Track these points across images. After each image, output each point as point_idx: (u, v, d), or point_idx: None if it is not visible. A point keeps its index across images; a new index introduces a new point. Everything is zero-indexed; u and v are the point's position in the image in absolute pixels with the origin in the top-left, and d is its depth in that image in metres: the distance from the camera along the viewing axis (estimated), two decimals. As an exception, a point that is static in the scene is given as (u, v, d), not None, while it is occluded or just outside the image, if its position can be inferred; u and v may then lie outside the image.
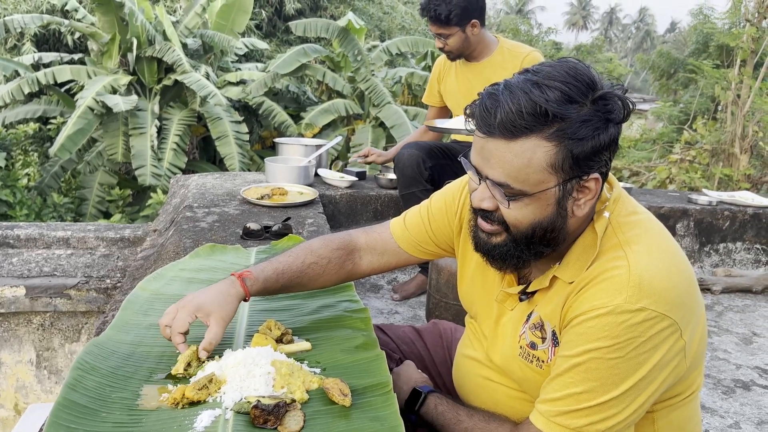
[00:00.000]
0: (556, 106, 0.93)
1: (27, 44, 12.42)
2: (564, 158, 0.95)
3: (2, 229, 2.85)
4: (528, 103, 0.93)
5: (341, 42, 10.17)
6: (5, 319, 2.56)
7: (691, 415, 1.14)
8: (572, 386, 0.99)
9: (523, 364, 1.13)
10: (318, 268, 1.36)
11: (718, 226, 3.74)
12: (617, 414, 0.98)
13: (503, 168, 0.97)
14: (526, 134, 0.94)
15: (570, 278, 1.04)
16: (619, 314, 0.95)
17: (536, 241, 1.03)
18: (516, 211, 1.01)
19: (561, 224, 1.02)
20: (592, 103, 0.95)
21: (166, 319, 1.23)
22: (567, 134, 0.94)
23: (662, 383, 1.00)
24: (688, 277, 1.02)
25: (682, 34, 28.55)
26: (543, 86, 0.94)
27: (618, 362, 0.96)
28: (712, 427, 2.18)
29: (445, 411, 1.17)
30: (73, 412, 1.05)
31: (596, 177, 0.99)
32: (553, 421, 1.01)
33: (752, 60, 8.29)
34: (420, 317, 2.88)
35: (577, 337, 0.99)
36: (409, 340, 1.54)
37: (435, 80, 3.16)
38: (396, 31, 17.39)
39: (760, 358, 2.75)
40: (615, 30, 55.27)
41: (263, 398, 1.09)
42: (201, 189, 2.90)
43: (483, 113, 0.97)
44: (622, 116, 0.98)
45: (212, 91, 9.59)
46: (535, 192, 0.98)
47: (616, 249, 1.01)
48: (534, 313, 1.11)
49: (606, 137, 0.96)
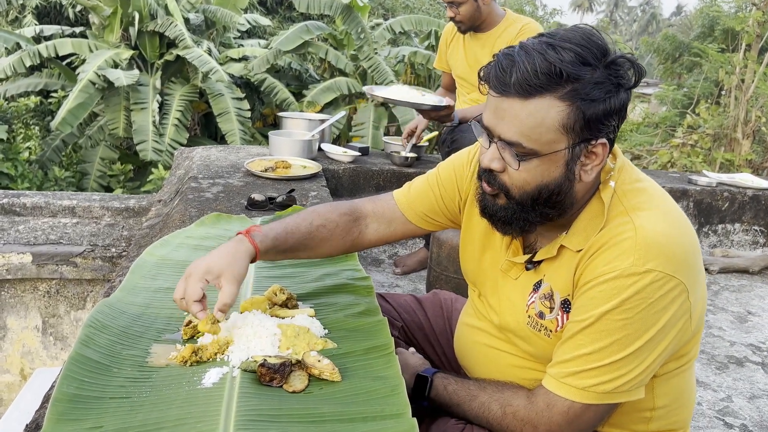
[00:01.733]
0: (570, 67, 0.95)
1: (28, 17, 12.33)
2: (576, 119, 0.97)
3: (9, 197, 2.88)
4: (543, 63, 0.95)
5: (344, 19, 10.10)
6: (12, 285, 2.59)
7: (687, 384, 1.17)
8: (582, 347, 1.02)
9: (532, 333, 1.14)
10: (326, 232, 1.33)
11: (717, 207, 3.76)
12: (626, 374, 1.00)
13: (517, 126, 0.99)
14: (540, 93, 0.96)
15: (578, 246, 1.06)
16: (628, 277, 0.97)
17: (541, 203, 1.05)
18: (525, 173, 1.03)
19: (567, 188, 1.04)
20: (604, 67, 0.97)
21: (178, 292, 1.17)
22: (580, 95, 0.96)
23: (669, 344, 1.02)
24: (692, 240, 1.04)
25: (688, 17, 28.30)
26: (558, 48, 0.96)
27: (627, 323, 0.99)
28: (705, 401, 2.23)
29: (456, 389, 1.16)
30: (86, 366, 1.08)
31: (604, 142, 1.01)
32: (563, 382, 1.04)
33: (757, 44, 8.25)
34: (421, 291, 2.91)
35: (588, 301, 1.02)
36: (410, 309, 1.56)
37: (444, 46, 3.17)
38: (400, 10, 17.24)
39: (754, 336, 2.80)
40: (620, 12, 54.76)
41: (269, 357, 1.12)
42: (205, 161, 2.92)
43: (499, 73, 0.99)
44: (633, 82, 1.00)
45: (214, 67, 9.55)
46: (546, 153, 1.00)
47: (623, 215, 1.03)
48: (544, 284, 1.13)
49: (617, 102, 0.98)
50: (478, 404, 1.12)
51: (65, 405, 0.97)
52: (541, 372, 1.12)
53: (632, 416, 1.13)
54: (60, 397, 0.98)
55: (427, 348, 1.52)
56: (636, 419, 1.13)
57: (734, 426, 2.10)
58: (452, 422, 1.15)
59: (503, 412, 1.09)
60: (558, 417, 1.04)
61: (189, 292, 1.15)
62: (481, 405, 1.12)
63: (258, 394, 1.04)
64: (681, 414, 1.17)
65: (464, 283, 1.40)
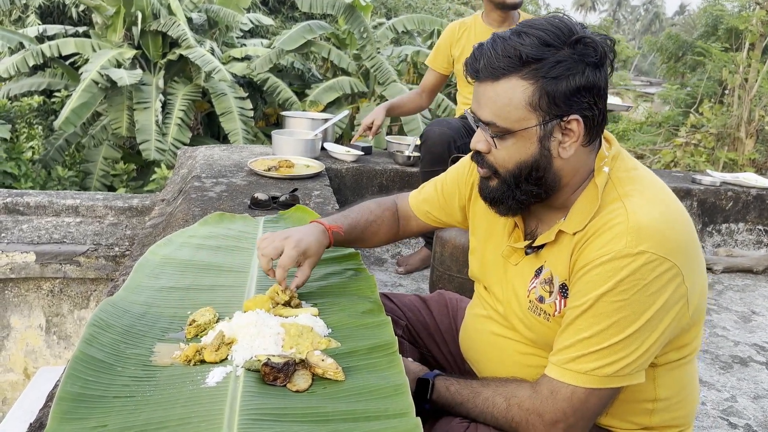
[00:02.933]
0: (530, 49, 1.02)
1: (31, 16, 12.35)
2: (540, 96, 1.04)
3: (12, 196, 2.88)
4: (506, 47, 1.04)
5: (347, 19, 10.10)
6: (15, 285, 2.60)
7: (689, 378, 1.17)
8: (581, 332, 1.04)
9: (532, 318, 1.16)
10: (376, 226, 1.50)
11: (721, 207, 3.75)
12: (626, 356, 1.01)
13: (490, 107, 1.07)
14: (505, 75, 1.04)
15: (574, 229, 1.09)
16: (621, 259, 1.00)
17: (523, 180, 1.10)
18: (503, 151, 1.10)
19: (545, 164, 1.08)
20: (568, 46, 1.03)
21: (269, 249, 1.33)
22: (540, 73, 1.03)
23: (667, 329, 1.03)
24: (686, 227, 1.06)
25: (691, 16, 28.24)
26: (522, 33, 1.04)
27: (623, 305, 1.00)
28: (709, 400, 2.22)
29: (459, 389, 1.17)
30: (90, 365, 1.08)
31: (576, 118, 1.05)
32: (565, 368, 1.05)
33: (761, 43, 8.23)
34: (424, 290, 2.91)
35: (583, 286, 1.04)
36: (414, 308, 1.56)
37: (446, 45, 3.07)
38: (402, 9, 17.23)
39: (759, 336, 2.79)
40: (624, 11, 54.65)
41: (273, 357, 1.12)
42: (208, 160, 2.92)
43: (471, 61, 1.09)
44: (600, 60, 1.04)
45: (217, 66, 9.56)
46: (518, 129, 1.06)
47: (616, 201, 1.06)
48: (545, 269, 1.15)
49: (582, 79, 1.03)
50: (482, 399, 1.13)
51: (69, 404, 0.97)
52: (543, 358, 1.13)
53: (634, 407, 1.13)
54: (64, 396, 0.98)
55: (432, 347, 1.52)
56: (638, 410, 1.13)
57: (738, 426, 2.09)
58: (456, 421, 1.15)
59: (508, 404, 1.10)
60: (562, 403, 1.04)
61: (284, 260, 1.30)
62: (486, 400, 1.12)
63: (261, 394, 1.04)
64: (683, 409, 1.17)
65: (467, 283, 1.42)
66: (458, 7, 17.99)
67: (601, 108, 1.06)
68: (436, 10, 16.92)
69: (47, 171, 9.73)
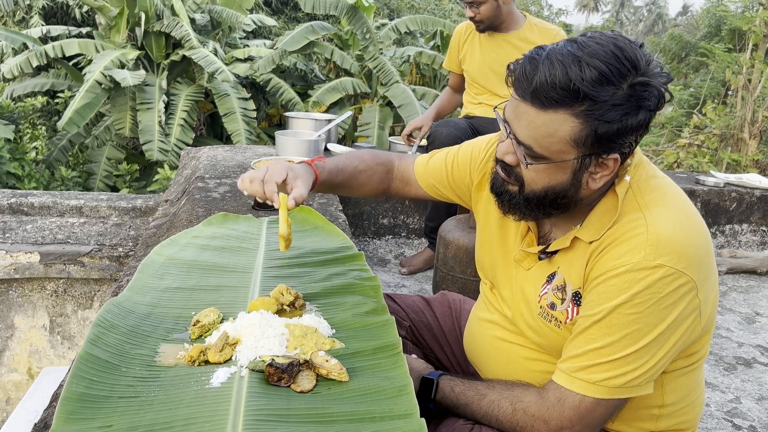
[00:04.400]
0: (590, 87, 0.94)
1: (35, 17, 12.38)
2: (587, 135, 0.98)
3: (17, 196, 2.89)
4: (564, 78, 0.95)
5: (350, 20, 10.09)
6: (19, 285, 2.60)
7: (696, 383, 1.17)
8: (593, 342, 1.03)
9: (543, 324, 1.15)
10: (365, 177, 1.47)
11: (725, 208, 3.74)
12: (636, 369, 1.01)
13: (530, 131, 1.01)
14: (555, 107, 0.97)
15: (590, 238, 1.07)
16: (638, 271, 0.98)
17: (546, 204, 1.08)
18: (533, 173, 1.06)
19: (573, 193, 1.06)
20: (629, 87, 0.95)
21: (259, 173, 1.29)
22: (595, 115, 0.96)
23: (678, 341, 1.02)
24: (705, 239, 1.04)
25: (694, 17, 28.20)
26: (583, 63, 0.94)
27: (637, 317, 0.99)
28: (713, 402, 2.22)
29: (463, 390, 1.16)
30: (95, 366, 1.08)
31: (615, 157, 1.01)
32: (574, 376, 1.04)
33: (764, 44, 8.21)
34: (427, 291, 2.91)
35: (598, 296, 1.03)
36: (418, 309, 1.56)
37: (455, 49, 3.15)
38: (405, 10, 17.24)
39: (762, 337, 2.78)
40: (626, 12, 54.57)
41: (277, 357, 1.12)
42: (212, 161, 2.93)
43: (521, 77, 1.00)
44: (656, 104, 0.98)
45: (220, 67, 9.56)
46: (555, 161, 1.02)
47: (636, 212, 1.04)
48: (558, 275, 1.13)
49: (634, 121, 0.97)
50: (488, 402, 1.12)
51: (74, 404, 0.97)
52: (551, 364, 1.12)
53: (641, 413, 1.13)
54: (69, 396, 0.98)
55: (435, 348, 1.51)
56: (645, 416, 1.13)
57: (743, 427, 2.09)
58: (460, 422, 1.14)
59: (513, 409, 1.09)
60: (569, 412, 1.04)
61: (271, 174, 1.28)
62: (491, 403, 1.11)
63: (266, 394, 1.04)
64: (689, 414, 1.17)
65: (471, 284, 1.41)
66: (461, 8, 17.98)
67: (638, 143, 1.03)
68: (439, 11, 16.91)
69: (51, 171, 9.75)
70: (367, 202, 3.38)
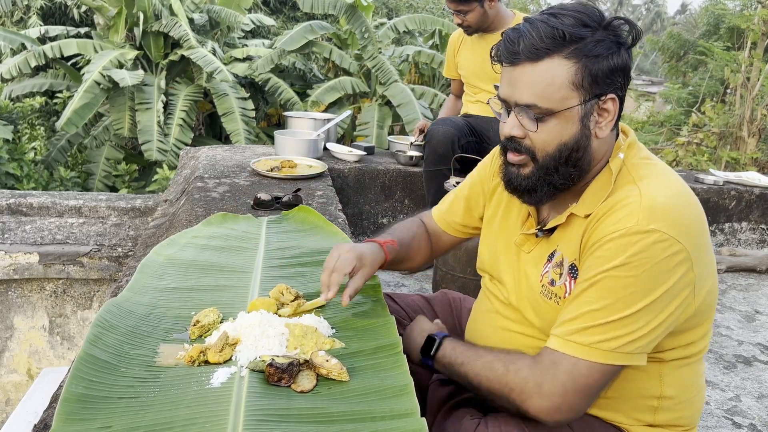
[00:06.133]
0: (572, 29, 1.04)
1: (33, 17, 12.38)
2: (583, 75, 1.05)
3: (15, 197, 2.89)
4: (547, 28, 1.05)
5: (348, 19, 10.09)
6: (19, 285, 2.60)
7: (695, 378, 1.17)
8: (587, 305, 1.04)
9: (543, 302, 1.16)
10: (417, 243, 1.48)
11: (724, 206, 3.75)
12: (629, 334, 1.01)
13: (531, 89, 1.07)
14: (548, 55, 1.05)
15: (585, 212, 1.10)
16: (632, 235, 1.00)
17: (563, 163, 1.10)
18: (544, 133, 1.09)
19: (585, 144, 1.09)
20: (603, 28, 1.06)
21: (329, 261, 1.29)
22: (584, 52, 1.04)
23: (672, 313, 1.03)
24: (698, 215, 1.07)
25: (693, 15, 28.20)
26: (558, 15, 1.06)
27: (632, 281, 1.00)
28: (713, 400, 2.22)
29: (463, 351, 1.18)
30: (94, 366, 1.08)
31: (613, 97, 1.07)
32: (568, 339, 1.04)
33: (763, 42, 8.21)
34: (427, 290, 2.91)
35: (594, 261, 1.05)
36: (418, 308, 1.56)
37: (452, 54, 3.20)
38: (403, 9, 17.23)
39: (762, 335, 2.78)
40: (625, 10, 54.57)
41: (277, 357, 1.12)
42: (211, 161, 2.92)
43: (508, 44, 1.08)
44: (632, 40, 1.08)
45: (218, 67, 9.56)
46: (561, 110, 1.07)
47: (630, 184, 1.08)
48: (557, 252, 1.16)
49: (618, 59, 1.06)
50: (482, 363, 1.13)
51: (74, 405, 0.97)
52: None
53: (639, 403, 1.13)
54: (69, 397, 0.98)
55: (434, 347, 1.51)
56: (643, 407, 1.13)
57: (743, 426, 2.09)
58: (467, 417, 1.14)
59: (506, 369, 1.09)
60: (563, 376, 1.03)
61: (341, 264, 1.27)
62: (485, 363, 1.12)
63: (266, 394, 1.04)
64: (688, 410, 1.17)
65: (470, 283, 1.41)
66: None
67: (626, 88, 1.10)
68: (438, 10, 16.91)
69: (49, 172, 9.74)
70: (366, 202, 3.37)
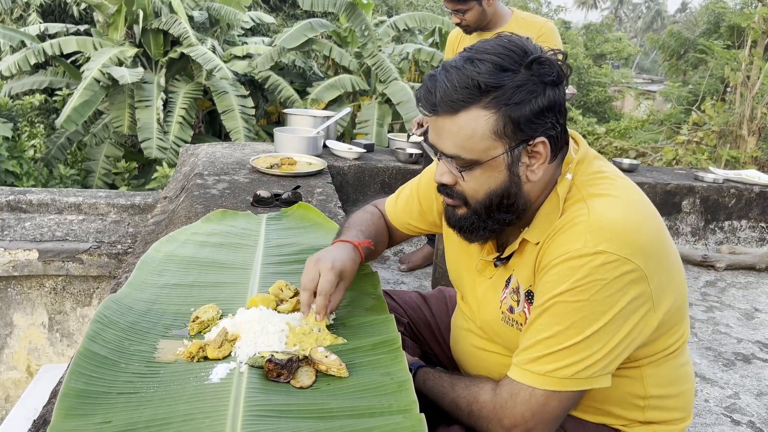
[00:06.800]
0: (487, 77, 0.98)
1: (33, 15, 12.35)
2: (505, 123, 1.00)
3: (15, 194, 2.89)
4: (461, 78, 0.99)
5: (348, 17, 10.08)
6: (18, 282, 2.60)
7: (680, 371, 1.15)
8: (540, 333, 1.01)
9: (506, 329, 1.15)
10: (383, 236, 1.47)
11: (724, 204, 3.75)
12: (586, 358, 0.99)
13: (452, 140, 1.03)
14: (465, 107, 1.00)
15: (537, 239, 1.07)
16: (578, 258, 0.97)
17: (495, 209, 1.07)
18: (472, 182, 1.06)
19: (516, 190, 1.06)
20: (525, 68, 0.99)
21: (307, 280, 1.22)
22: (503, 101, 0.99)
23: (631, 332, 1.00)
24: (655, 228, 1.03)
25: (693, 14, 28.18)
26: (475, 60, 1.00)
27: (582, 305, 0.97)
28: (712, 397, 2.22)
29: (432, 385, 1.17)
30: (94, 362, 1.08)
31: (543, 141, 1.02)
32: (524, 368, 1.03)
33: (763, 41, 8.21)
34: (426, 287, 2.91)
35: (543, 286, 1.02)
36: (415, 305, 1.56)
37: (450, 53, 3.17)
38: (403, 7, 17.22)
39: (761, 333, 2.78)
40: (625, 9, 54.50)
41: (276, 353, 1.12)
42: (211, 158, 2.92)
43: (426, 94, 1.04)
44: (558, 78, 1.01)
45: (218, 64, 9.55)
46: (486, 160, 1.03)
47: (579, 202, 1.04)
48: (513, 278, 1.14)
49: (544, 100, 1.00)
50: (449, 402, 1.13)
51: (73, 400, 0.97)
52: None
53: (625, 404, 1.12)
54: (68, 392, 0.98)
55: (432, 344, 1.52)
56: (629, 406, 1.12)
57: (741, 423, 2.09)
58: (456, 428, 1.14)
59: (470, 411, 1.09)
60: (521, 407, 1.02)
61: (324, 285, 1.21)
62: (451, 403, 1.12)
63: (265, 390, 1.04)
64: (678, 404, 1.16)
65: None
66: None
67: (562, 123, 1.04)
68: (438, 8, 16.89)
69: (49, 169, 9.73)
70: (366, 200, 3.37)
